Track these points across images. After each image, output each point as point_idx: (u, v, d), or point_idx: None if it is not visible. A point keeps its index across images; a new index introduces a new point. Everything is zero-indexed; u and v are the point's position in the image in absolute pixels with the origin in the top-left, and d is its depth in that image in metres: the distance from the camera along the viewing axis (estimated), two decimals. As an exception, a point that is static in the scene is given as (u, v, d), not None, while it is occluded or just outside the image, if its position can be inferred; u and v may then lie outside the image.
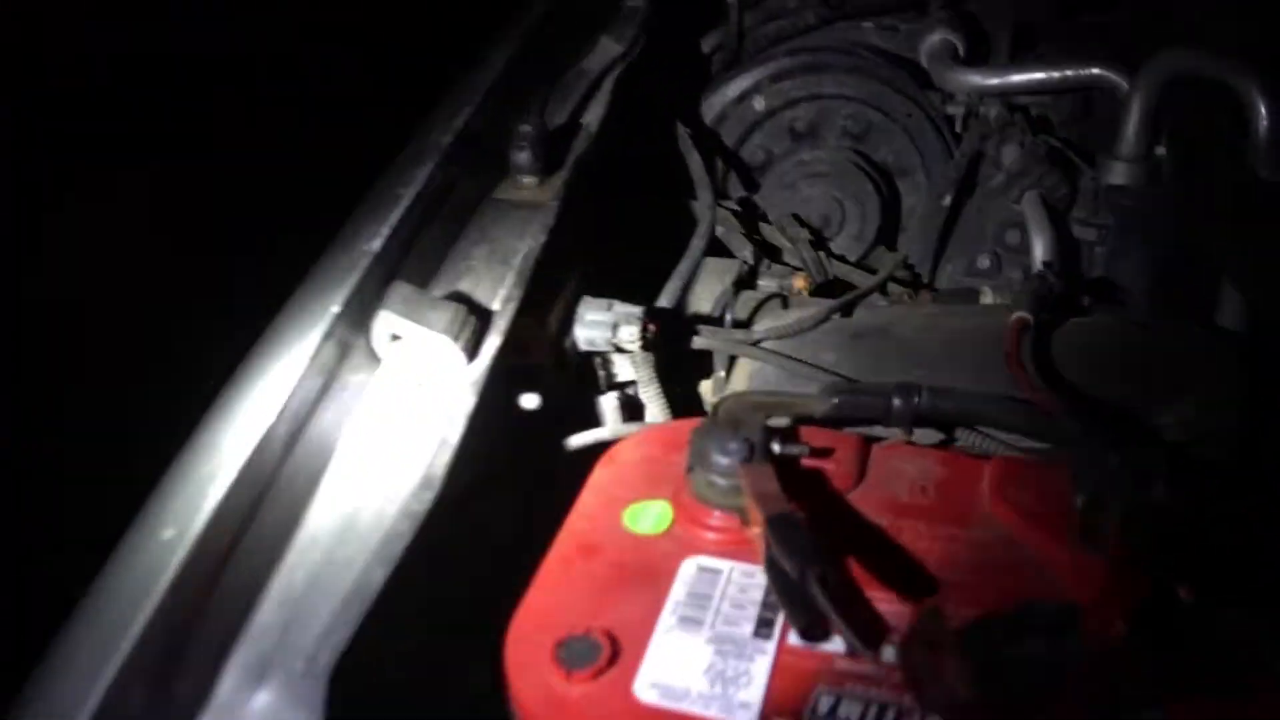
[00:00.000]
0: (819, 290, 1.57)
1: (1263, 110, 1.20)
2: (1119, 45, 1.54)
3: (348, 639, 0.63)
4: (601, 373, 1.17)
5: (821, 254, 1.61)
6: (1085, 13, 1.67)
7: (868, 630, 0.67)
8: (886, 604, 0.72)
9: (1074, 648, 0.61)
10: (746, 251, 1.59)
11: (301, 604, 0.70)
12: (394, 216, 0.98)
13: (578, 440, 1.02)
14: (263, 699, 0.63)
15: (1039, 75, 1.52)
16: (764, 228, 1.65)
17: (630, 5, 1.66)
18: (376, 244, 0.94)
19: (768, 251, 1.64)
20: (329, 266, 0.93)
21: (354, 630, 0.63)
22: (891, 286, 1.51)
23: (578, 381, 1.14)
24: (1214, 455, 0.99)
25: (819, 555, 0.65)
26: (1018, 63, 1.63)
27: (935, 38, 1.63)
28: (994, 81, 1.56)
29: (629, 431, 0.99)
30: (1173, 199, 1.34)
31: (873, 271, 1.56)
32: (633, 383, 1.16)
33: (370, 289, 0.91)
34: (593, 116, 1.32)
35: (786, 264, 1.67)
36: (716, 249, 1.67)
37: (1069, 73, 1.49)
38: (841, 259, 1.66)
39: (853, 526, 0.81)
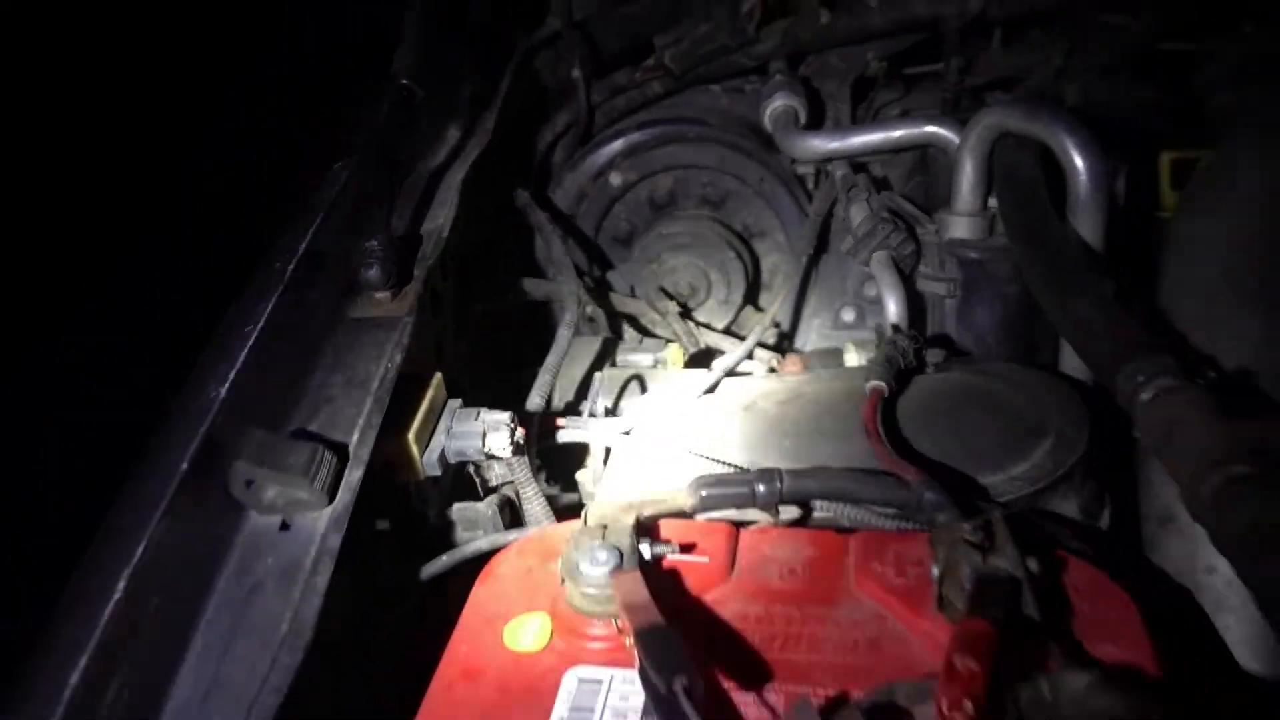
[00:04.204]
0: (693, 360, 1.61)
1: (1077, 164, 1.28)
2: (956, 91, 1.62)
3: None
4: (478, 479, 1.17)
5: (691, 324, 1.65)
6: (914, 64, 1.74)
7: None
8: (759, 700, 0.74)
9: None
10: (620, 326, 1.62)
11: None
12: (240, 356, 0.95)
13: (452, 557, 1.02)
14: None
15: (876, 136, 1.59)
16: (632, 302, 1.68)
17: (469, 95, 1.68)
18: (223, 389, 0.92)
19: (639, 326, 1.68)
20: (180, 414, 0.91)
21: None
22: (761, 351, 1.55)
23: (451, 492, 1.14)
24: (1065, 501, 1.04)
25: (686, 665, 0.67)
26: (856, 125, 1.70)
27: (777, 104, 1.68)
28: (835, 145, 1.62)
29: (508, 540, 0.99)
30: (1008, 250, 1.40)
31: (741, 337, 1.60)
32: (511, 483, 1.17)
33: (223, 436, 0.89)
34: (443, 218, 1.32)
35: (659, 335, 1.71)
36: (589, 327, 1.71)
37: (904, 132, 1.56)
38: (709, 327, 1.70)
39: (725, 622, 0.83)
